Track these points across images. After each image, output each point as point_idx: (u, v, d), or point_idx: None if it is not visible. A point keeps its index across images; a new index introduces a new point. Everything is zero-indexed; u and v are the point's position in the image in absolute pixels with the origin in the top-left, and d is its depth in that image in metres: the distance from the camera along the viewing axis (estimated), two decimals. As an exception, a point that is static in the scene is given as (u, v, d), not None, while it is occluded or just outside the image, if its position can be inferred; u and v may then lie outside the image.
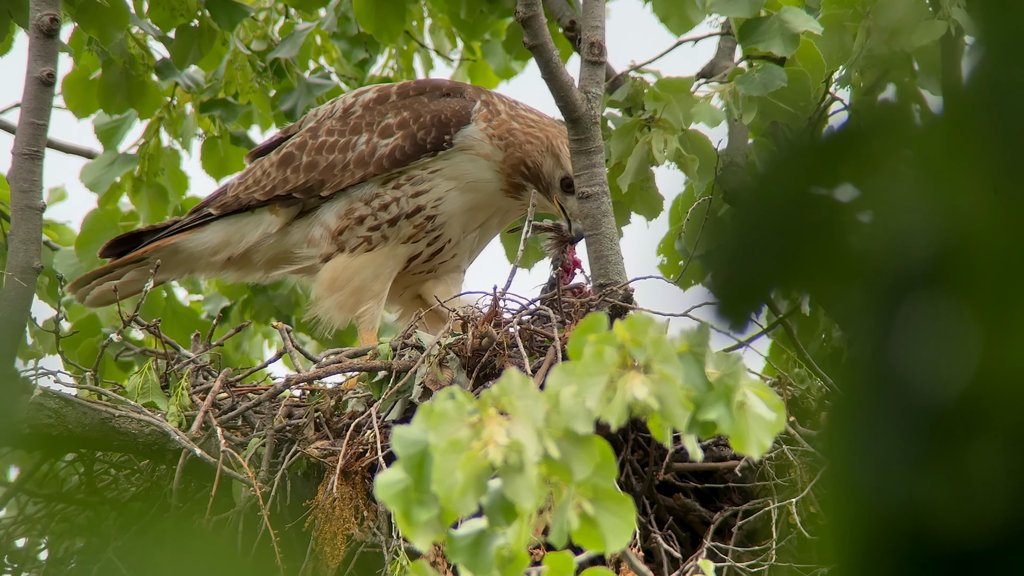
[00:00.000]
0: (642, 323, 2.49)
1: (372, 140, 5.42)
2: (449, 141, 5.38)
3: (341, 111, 5.55)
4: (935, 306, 1.72)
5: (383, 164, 5.39)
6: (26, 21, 5.45)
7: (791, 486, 4.72)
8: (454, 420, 2.43)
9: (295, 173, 5.50)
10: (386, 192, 5.39)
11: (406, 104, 5.47)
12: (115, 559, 4.95)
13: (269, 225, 5.56)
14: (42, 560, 5.21)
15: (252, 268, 5.69)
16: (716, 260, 1.87)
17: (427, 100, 5.46)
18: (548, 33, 5.03)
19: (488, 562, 2.48)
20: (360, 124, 5.48)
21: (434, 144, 5.38)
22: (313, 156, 5.49)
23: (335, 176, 5.43)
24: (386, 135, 5.42)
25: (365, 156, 5.41)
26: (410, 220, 5.39)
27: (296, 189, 5.49)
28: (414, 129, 5.39)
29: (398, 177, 5.40)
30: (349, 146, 5.45)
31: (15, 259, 4.94)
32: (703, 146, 5.92)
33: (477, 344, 4.88)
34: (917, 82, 5.38)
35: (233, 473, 4.77)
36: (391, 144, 5.39)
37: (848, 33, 5.55)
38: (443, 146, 5.38)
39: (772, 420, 2.52)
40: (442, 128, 5.38)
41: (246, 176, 5.63)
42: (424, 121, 5.40)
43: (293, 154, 5.53)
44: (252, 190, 5.57)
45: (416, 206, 5.38)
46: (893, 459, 1.72)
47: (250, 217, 5.60)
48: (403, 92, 5.52)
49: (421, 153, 5.39)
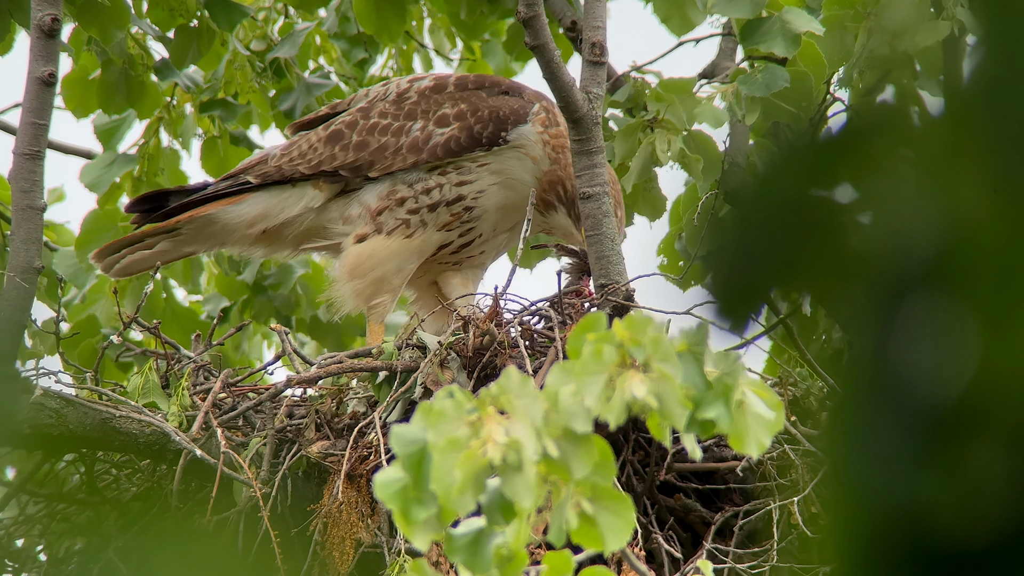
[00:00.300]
0: (641, 322, 2.48)
1: (427, 128, 5.40)
2: (504, 138, 5.37)
3: (395, 95, 5.52)
4: (935, 306, 1.72)
5: (436, 153, 5.37)
6: (27, 21, 5.45)
7: (792, 486, 4.72)
8: (453, 419, 2.43)
9: (344, 151, 5.46)
10: (431, 178, 5.37)
11: (464, 96, 5.45)
12: (116, 559, 4.95)
13: (312, 200, 5.51)
14: (42, 560, 5.21)
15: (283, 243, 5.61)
16: (717, 260, 1.87)
17: (485, 95, 5.45)
18: (549, 33, 5.03)
19: (487, 561, 2.48)
20: (415, 110, 5.45)
21: (490, 139, 5.37)
22: (364, 136, 5.46)
23: (386, 159, 5.40)
24: (442, 124, 5.40)
25: (419, 143, 5.39)
26: (449, 208, 5.38)
27: (344, 167, 5.45)
28: (471, 122, 5.38)
29: (446, 166, 5.39)
30: (403, 131, 5.42)
31: (16, 259, 4.94)
32: (707, 146, 5.92)
33: (478, 344, 4.88)
34: (918, 83, 5.38)
35: (233, 474, 4.77)
36: (447, 134, 5.37)
37: (850, 34, 5.55)
38: (498, 142, 5.37)
39: (771, 419, 2.52)
40: (499, 124, 5.36)
41: (290, 148, 5.57)
42: (482, 115, 5.39)
43: (343, 132, 5.50)
44: (297, 162, 5.51)
45: (458, 195, 5.37)
46: (894, 459, 1.72)
47: (292, 191, 5.54)
48: (461, 84, 5.50)
49: (476, 146, 5.37)
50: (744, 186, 1.87)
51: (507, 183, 5.40)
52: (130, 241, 5.63)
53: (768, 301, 1.88)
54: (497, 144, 5.37)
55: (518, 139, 5.37)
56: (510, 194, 5.41)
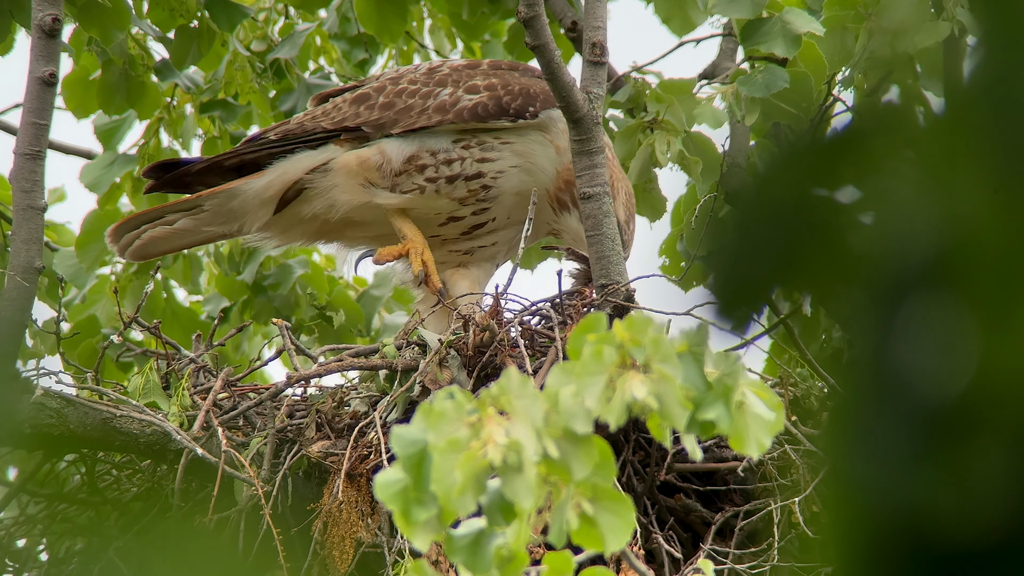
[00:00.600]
0: (641, 323, 2.49)
1: (456, 93, 5.38)
2: (534, 113, 5.35)
3: (426, 68, 5.52)
4: (936, 306, 1.72)
5: (463, 115, 5.35)
6: (28, 21, 5.45)
7: (793, 486, 4.72)
8: (453, 420, 2.43)
9: (369, 110, 5.42)
10: (454, 150, 5.35)
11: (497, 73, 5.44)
12: (116, 559, 4.95)
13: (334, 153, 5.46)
14: (43, 560, 5.21)
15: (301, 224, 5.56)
16: (718, 261, 1.87)
17: (519, 75, 5.44)
18: (550, 34, 5.03)
19: (487, 561, 2.48)
20: (446, 80, 5.44)
21: (517, 111, 5.35)
22: (391, 98, 5.43)
23: (411, 117, 5.37)
24: (472, 92, 5.38)
25: (447, 104, 5.37)
26: (467, 183, 5.35)
27: (367, 123, 5.41)
28: (500, 93, 5.37)
29: (470, 138, 5.36)
30: (431, 95, 5.40)
31: (17, 259, 4.94)
32: (706, 148, 5.92)
33: (478, 341, 4.88)
34: (919, 83, 5.38)
35: (235, 473, 4.77)
36: (475, 100, 5.36)
37: (850, 34, 5.55)
38: (525, 115, 5.35)
39: (771, 420, 2.52)
40: (528, 99, 5.34)
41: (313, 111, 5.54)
42: (512, 89, 5.37)
43: (369, 95, 5.47)
44: (320, 120, 5.47)
45: (478, 171, 5.35)
46: (894, 459, 1.72)
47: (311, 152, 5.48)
48: (496, 64, 5.50)
49: (502, 115, 5.34)
50: (744, 186, 1.87)
51: (527, 168, 5.39)
52: (149, 217, 5.57)
53: (768, 301, 1.88)
54: (523, 117, 5.35)
55: (546, 121, 5.34)
56: (528, 180, 5.39)
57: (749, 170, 6.13)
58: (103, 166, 7.33)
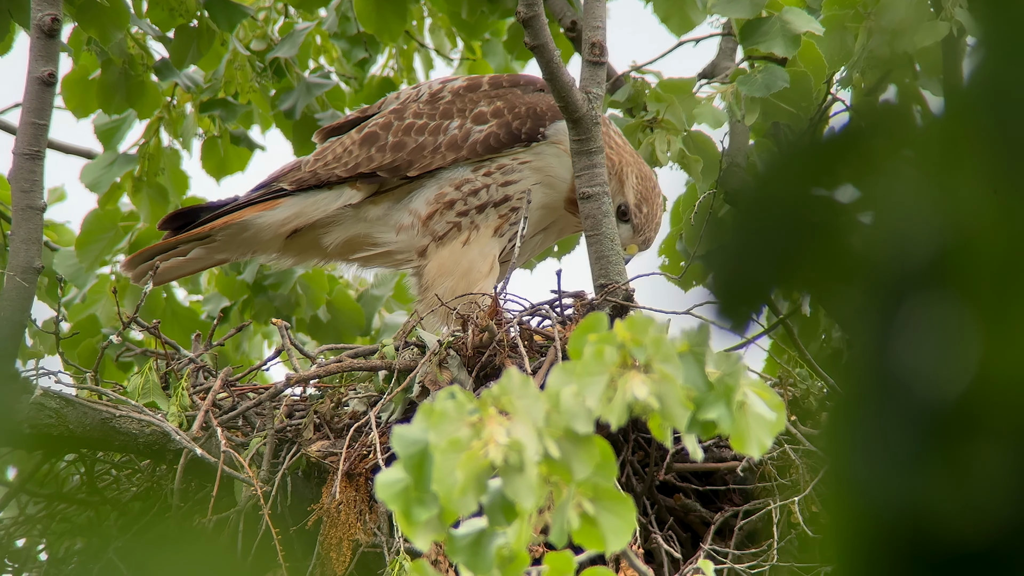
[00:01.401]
0: (642, 323, 2.49)
1: (465, 125, 5.38)
2: (543, 134, 5.36)
3: (428, 96, 5.51)
4: (935, 307, 1.72)
5: (476, 150, 5.35)
6: (27, 21, 5.45)
7: (793, 486, 4.72)
8: (454, 420, 2.43)
9: (380, 152, 5.43)
10: (477, 178, 5.35)
11: (499, 94, 5.44)
12: (116, 559, 4.95)
13: (350, 198, 5.45)
14: (43, 560, 5.21)
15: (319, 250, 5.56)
16: (717, 260, 1.87)
17: (521, 92, 5.44)
18: (549, 33, 5.03)
19: (488, 561, 2.48)
20: (451, 109, 5.44)
21: (529, 135, 5.36)
22: (400, 137, 5.43)
23: (424, 157, 5.38)
24: (480, 122, 5.38)
25: (458, 140, 5.37)
26: (496, 209, 5.35)
27: (382, 168, 5.41)
28: (509, 118, 5.37)
29: (488, 164, 5.37)
30: (440, 129, 5.40)
31: (16, 259, 4.94)
32: (706, 147, 5.92)
33: (478, 341, 4.88)
34: (919, 83, 5.38)
35: (234, 473, 4.77)
36: (485, 131, 5.36)
37: (850, 34, 5.55)
38: (537, 138, 5.36)
39: (772, 420, 2.52)
40: (537, 120, 5.35)
41: (323, 153, 5.54)
42: (519, 112, 5.37)
43: (377, 134, 5.47)
44: (332, 166, 5.47)
45: (504, 195, 5.35)
46: (894, 459, 1.72)
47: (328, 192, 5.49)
48: (496, 83, 5.49)
49: (515, 142, 5.36)
50: (744, 186, 1.87)
51: (548, 181, 5.40)
52: (162, 249, 5.60)
53: (768, 301, 1.89)
54: (536, 140, 5.36)
55: (556, 135, 5.35)
56: (551, 192, 5.40)
57: (749, 169, 6.13)
58: (103, 166, 7.33)
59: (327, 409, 4.93)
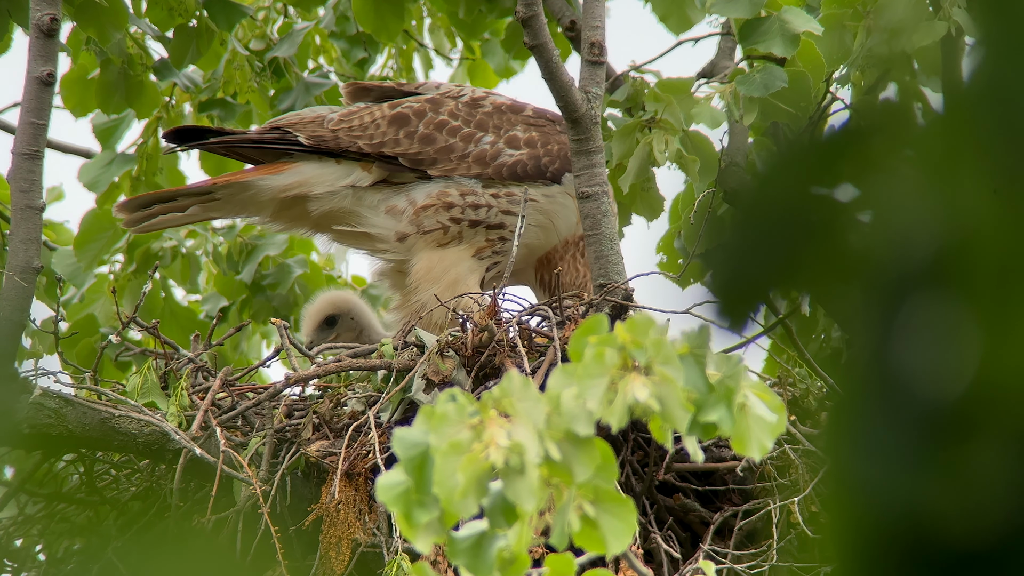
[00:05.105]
0: (643, 325, 2.48)
1: (497, 144, 5.37)
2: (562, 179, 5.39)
3: (469, 98, 5.49)
4: (935, 306, 1.72)
5: (502, 173, 5.36)
6: (26, 21, 5.45)
7: (792, 486, 4.72)
8: (455, 422, 2.43)
9: (409, 139, 5.40)
10: (483, 194, 5.35)
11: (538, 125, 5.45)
12: (115, 559, 4.95)
13: (358, 179, 5.43)
14: (41, 560, 5.21)
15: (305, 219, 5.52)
16: (716, 259, 1.87)
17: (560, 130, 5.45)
18: (548, 33, 5.03)
19: (489, 564, 2.48)
20: (487, 122, 5.42)
21: (554, 175, 5.39)
22: (431, 131, 5.41)
23: (450, 161, 5.36)
24: (513, 146, 5.38)
25: (487, 156, 5.36)
26: (487, 232, 5.35)
27: (405, 156, 5.39)
28: (540, 152, 5.38)
29: (499, 187, 5.36)
30: (472, 139, 5.38)
31: (15, 259, 4.94)
32: (704, 147, 5.92)
33: (477, 341, 4.87)
34: (918, 82, 5.38)
35: (233, 472, 4.77)
36: (515, 157, 5.36)
37: (848, 33, 5.55)
38: (560, 181, 5.39)
39: (773, 421, 2.52)
40: (565, 163, 5.38)
41: (350, 116, 5.50)
42: (551, 149, 5.39)
43: (409, 118, 5.44)
44: (356, 135, 5.44)
45: (500, 222, 5.36)
46: (894, 459, 1.72)
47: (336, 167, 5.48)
48: (540, 113, 5.51)
49: (539, 178, 5.38)
50: (743, 185, 1.87)
51: (545, 225, 5.41)
52: (162, 198, 5.56)
53: (767, 300, 1.88)
54: (558, 183, 5.38)
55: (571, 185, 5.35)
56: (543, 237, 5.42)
57: (748, 169, 6.13)
58: (101, 165, 7.33)
59: (326, 409, 4.93)
